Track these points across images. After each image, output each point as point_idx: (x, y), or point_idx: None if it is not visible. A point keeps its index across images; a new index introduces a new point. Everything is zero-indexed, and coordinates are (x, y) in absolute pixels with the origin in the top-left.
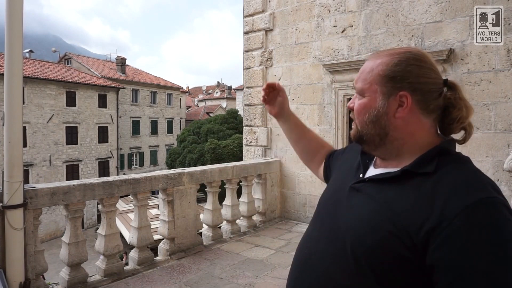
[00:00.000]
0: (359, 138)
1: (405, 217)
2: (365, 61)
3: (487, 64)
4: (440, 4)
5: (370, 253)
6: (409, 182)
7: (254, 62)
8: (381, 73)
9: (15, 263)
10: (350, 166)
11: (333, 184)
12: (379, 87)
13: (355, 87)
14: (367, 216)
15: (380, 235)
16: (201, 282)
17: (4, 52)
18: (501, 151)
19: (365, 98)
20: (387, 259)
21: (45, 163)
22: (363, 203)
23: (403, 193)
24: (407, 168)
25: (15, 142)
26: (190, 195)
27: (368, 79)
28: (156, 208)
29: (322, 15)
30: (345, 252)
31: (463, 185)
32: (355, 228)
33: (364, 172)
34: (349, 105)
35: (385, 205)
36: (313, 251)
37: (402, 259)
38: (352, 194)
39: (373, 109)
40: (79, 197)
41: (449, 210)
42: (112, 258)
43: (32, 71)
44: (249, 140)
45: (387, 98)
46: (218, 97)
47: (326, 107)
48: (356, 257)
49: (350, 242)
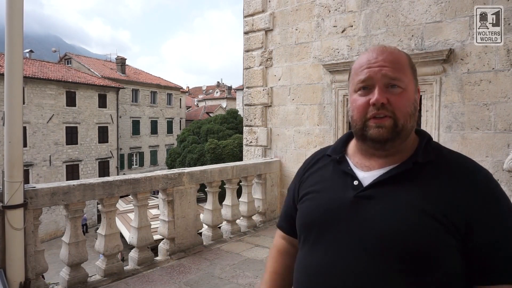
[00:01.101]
0: (396, 134)
1: (441, 205)
2: (374, 50)
3: (487, 64)
4: (440, 4)
5: (424, 250)
6: (421, 173)
7: (254, 62)
8: (409, 64)
9: (15, 263)
10: (330, 180)
11: (318, 204)
12: (412, 78)
13: (378, 79)
14: (405, 216)
15: (428, 229)
16: (201, 282)
17: (4, 52)
18: (501, 151)
19: (402, 89)
20: (438, 249)
21: (45, 163)
22: (390, 206)
23: (425, 184)
24: (417, 160)
25: (15, 142)
26: (190, 195)
27: (401, 69)
28: (156, 208)
29: (322, 15)
30: (392, 263)
31: (468, 164)
32: (399, 233)
33: (356, 179)
34: (378, 99)
35: (417, 200)
36: (344, 279)
37: (448, 246)
38: (363, 204)
39: (413, 100)
40: (79, 197)
41: (472, 185)
42: (112, 258)
43: (32, 71)
44: (249, 140)
45: (416, 90)
46: (218, 97)
47: (326, 107)
48: (407, 260)
49: (398, 250)
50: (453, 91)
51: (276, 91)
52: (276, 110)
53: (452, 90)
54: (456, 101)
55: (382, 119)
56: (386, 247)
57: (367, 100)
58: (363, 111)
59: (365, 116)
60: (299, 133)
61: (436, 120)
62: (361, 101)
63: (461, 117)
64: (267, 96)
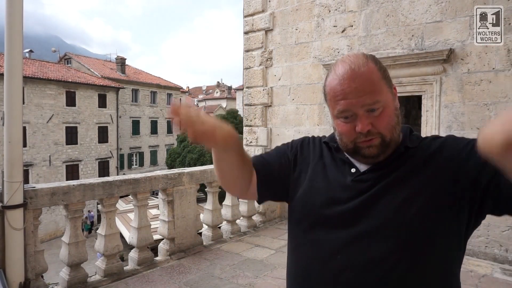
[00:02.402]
0: (386, 147)
1: (437, 179)
2: (345, 77)
3: (487, 64)
4: (440, 4)
5: (426, 231)
6: (412, 156)
7: (254, 62)
8: (381, 76)
9: (15, 263)
10: (330, 166)
11: (319, 190)
12: (387, 87)
13: (358, 109)
14: (405, 197)
15: (428, 209)
16: (201, 282)
17: (4, 52)
18: None
19: (380, 106)
20: (438, 227)
21: (45, 163)
22: (388, 188)
23: (417, 164)
24: (408, 145)
25: (15, 142)
26: (190, 195)
27: (376, 89)
28: (156, 208)
29: (322, 15)
30: (394, 243)
31: (441, 136)
32: (400, 215)
33: (353, 166)
34: (363, 128)
35: (413, 180)
36: (346, 263)
37: (448, 220)
38: (361, 188)
39: (394, 110)
40: (79, 197)
41: (443, 145)
42: (112, 258)
43: (32, 71)
44: (249, 140)
45: (393, 94)
46: (218, 97)
47: (326, 107)
48: (409, 240)
49: (401, 231)
50: (453, 91)
51: (276, 91)
52: (276, 110)
53: (452, 90)
54: (456, 101)
55: (371, 140)
56: (388, 229)
57: (353, 127)
58: (351, 136)
59: (355, 140)
60: (299, 133)
61: (436, 120)
62: (347, 128)
63: (461, 117)
64: (267, 96)
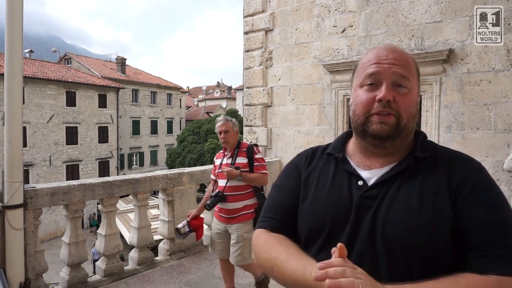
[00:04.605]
0: (398, 132)
1: (443, 197)
2: (385, 48)
3: (487, 64)
4: (440, 4)
5: (432, 248)
6: (421, 167)
7: (254, 62)
8: (416, 68)
9: (15, 263)
10: (334, 180)
11: (326, 207)
12: (417, 81)
13: (387, 76)
14: (412, 214)
15: (434, 226)
16: (201, 282)
17: (4, 52)
18: (501, 151)
19: (407, 89)
20: (445, 244)
21: (45, 163)
22: (395, 205)
23: (427, 177)
24: (417, 155)
25: (15, 142)
26: (190, 195)
27: (409, 70)
28: (156, 208)
29: (322, 15)
30: (401, 262)
31: (462, 155)
32: (407, 233)
33: (360, 179)
34: (386, 95)
35: (421, 196)
36: None
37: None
38: (369, 204)
39: (416, 102)
40: (79, 197)
41: (466, 173)
42: (112, 258)
43: (32, 71)
44: (249, 140)
45: (418, 90)
46: (218, 97)
47: (326, 107)
48: (416, 258)
49: (408, 250)
50: (453, 91)
51: (276, 91)
52: (276, 110)
53: (452, 90)
54: (456, 101)
55: (386, 116)
56: (395, 248)
57: (373, 96)
58: (367, 106)
59: (369, 112)
60: (299, 133)
61: (436, 120)
62: (366, 96)
63: (461, 117)
64: (267, 96)
